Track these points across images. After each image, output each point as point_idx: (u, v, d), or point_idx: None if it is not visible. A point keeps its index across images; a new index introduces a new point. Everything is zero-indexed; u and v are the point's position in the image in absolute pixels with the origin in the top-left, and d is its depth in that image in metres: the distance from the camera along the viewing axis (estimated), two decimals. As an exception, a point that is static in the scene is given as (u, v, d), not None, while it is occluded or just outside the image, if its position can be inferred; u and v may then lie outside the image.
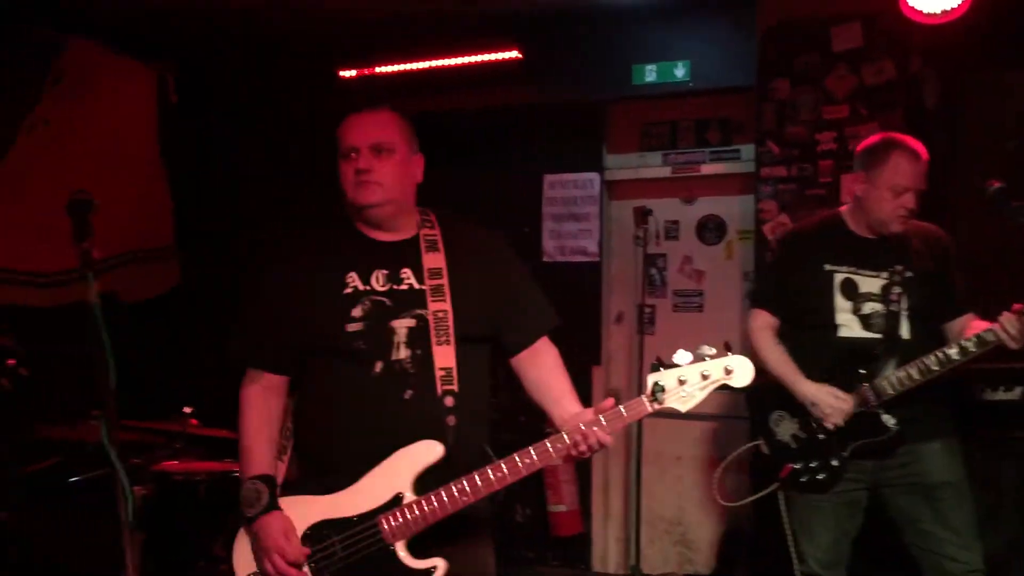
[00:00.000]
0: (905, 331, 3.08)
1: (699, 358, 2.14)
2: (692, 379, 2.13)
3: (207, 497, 3.76)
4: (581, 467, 5.18)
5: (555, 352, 2.44)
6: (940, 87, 4.21)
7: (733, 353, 2.17)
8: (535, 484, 5.11)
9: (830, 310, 3.10)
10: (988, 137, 4.02)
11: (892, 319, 3.06)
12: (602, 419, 2.15)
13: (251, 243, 5.30)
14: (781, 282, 3.25)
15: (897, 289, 3.07)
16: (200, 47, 5.15)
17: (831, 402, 3.01)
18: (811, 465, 3.07)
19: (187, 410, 4.03)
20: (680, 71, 4.92)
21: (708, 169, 5.13)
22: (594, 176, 5.34)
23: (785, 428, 3.14)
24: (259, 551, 2.23)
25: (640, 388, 4.84)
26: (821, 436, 3.07)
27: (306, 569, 2.21)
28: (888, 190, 3.02)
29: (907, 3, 3.88)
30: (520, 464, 2.15)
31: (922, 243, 3.12)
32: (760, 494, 3.18)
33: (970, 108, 2.86)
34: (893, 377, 2.98)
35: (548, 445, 2.16)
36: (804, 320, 3.17)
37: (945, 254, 3.15)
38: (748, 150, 4.88)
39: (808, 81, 4.42)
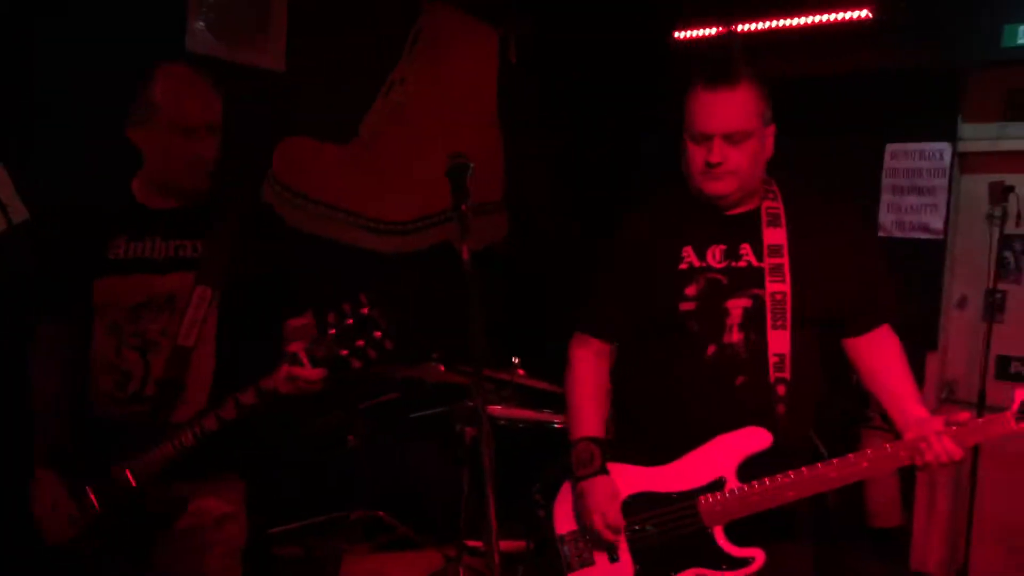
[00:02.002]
0: None
1: None
2: None
3: (528, 444, 3.92)
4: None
5: (898, 343, 2.26)
6: None
7: None
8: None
9: None
10: None
11: None
12: (955, 430, 1.98)
13: (578, 203, 5.44)
14: None
15: None
16: (539, 6, 5.28)
17: None
18: None
19: (515, 360, 4.20)
20: (1061, 31, 4.38)
21: (1085, 142, 4.55)
22: (944, 146, 4.91)
23: None
24: (583, 509, 2.26)
25: (984, 381, 4.54)
26: None
27: (624, 536, 2.23)
28: None
29: None
30: (856, 466, 2.03)
31: None
32: None
33: None
34: None
35: (890, 450, 2.02)
36: None
37: None
38: None
39: None
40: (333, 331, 2.08)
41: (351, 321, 2.07)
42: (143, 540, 2.24)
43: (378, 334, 2.07)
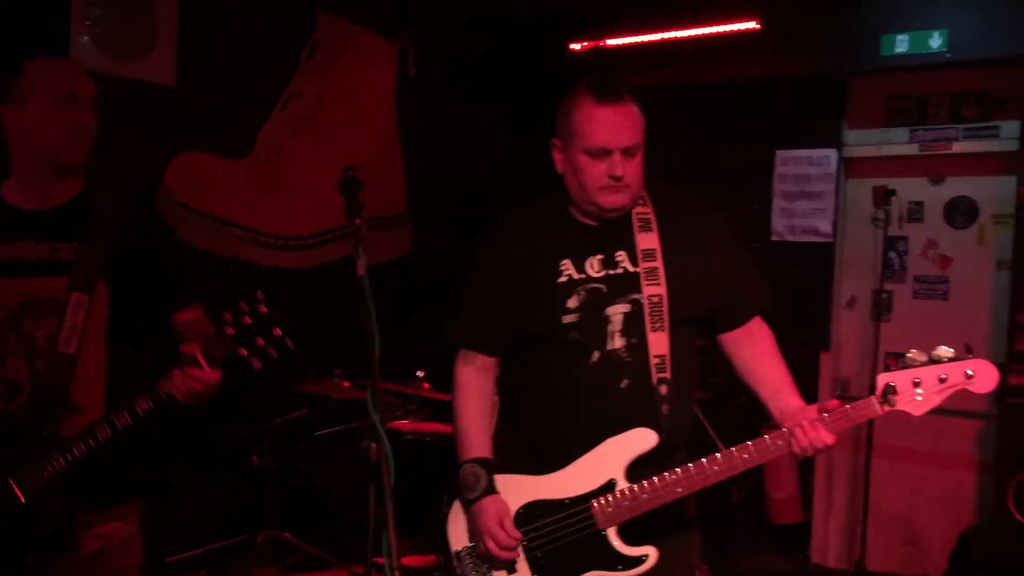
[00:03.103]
0: None
1: (936, 359, 1.99)
2: (928, 382, 1.98)
3: (436, 457, 3.90)
4: (804, 455, 5.00)
5: (770, 334, 2.33)
6: None
7: (975, 355, 2.00)
8: (754, 467, 4.97)
9: None
10: None
11: None
12: (826, 417, 2.05)
13: (476, 216, 5.45)
14: None
15: None
16: (435, 19, 5.28)
17: None
18: None
19: (420, 374, 4.18)
20: (936, 41, 4.59)
21: (961, 147, 4.78)
22: (831, 152, 5.10)
23: None
24: (474, 532, 2.26)
25: (872, 376, 4.70)
26: None
27: (520, 549, 2.22)
28: None
29: None
30: (738, 459, 2.08)
31: None
32: None
33: None
34: None
35: (768, 441, 2.08)
36: None
37: None
38: (1010, 127, 4.52)
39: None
40: (231, 330, 2.02)
41: (249, 319, 2.02)
42: (34, 562, 2.14)
43: (278, 332, 2.02)
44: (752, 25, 4.87)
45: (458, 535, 2.32)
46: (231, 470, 4.05)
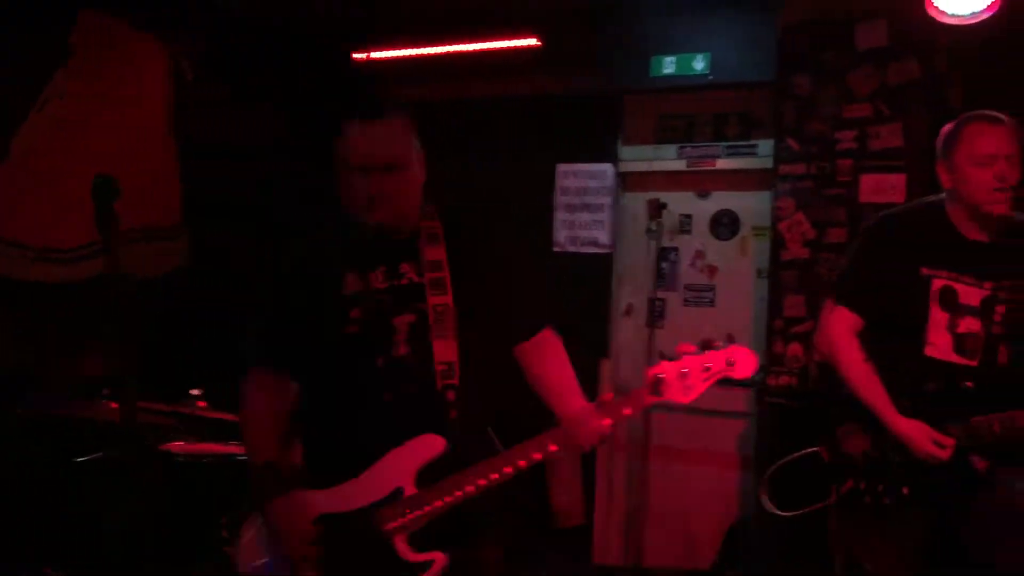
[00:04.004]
0: (1004, 356, 2.73)
1: (701, 350, 2.09)
2: (694, 371, 2.08)
3: (213, 479, 3.75)
4: (586, 459, 5.16)
5: (560, 345, 2.40)
6: (964, 88, 4.17)
7: (738, 344, 2.10)
8: (538, 474, 5.10)
9: (922, 322, 2.75)
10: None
11: (991, 342, 2.72)
12: (600, 410, 2.13)
13: (259, 227, 5.29)
14: (868, 278, 2.85)
15: (1000, 306, 2.72)
16: (216, 24, 5.10)
17: (930, 449, 2.66)
18: (878, 489, 2.79)
19: (195, 392, 4.01)
20: (699, 64, 4.88)
21: (724, 164, 5.09)
22: (608, 167, 5.30)
23: (854, 442, 2.85)
24: (273, 536, 2.24)
25: (648, 382, 4.92)
26: (895, 461, 2.77)
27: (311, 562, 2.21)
28: (969, 165, 2.66)
29: (932, 4, 3.83)
30: (522, 458, 2.14)
31: None
32: (816, 506, 2.92)
33: (999, 110, 2.76)
34: (995, 422, 2.64)
35: (547, 438, 2.14)
36: (888, 326, 2.82)
37: None
38: (766, 146, 4.84)
39: (830, 78, 4.38)
40: None
41: None
42: None
43: None
44: (532, 42, 5.00)
45: (251, 551, 2.29)
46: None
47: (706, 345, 2.09)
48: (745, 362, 2.09)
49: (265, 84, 5.37)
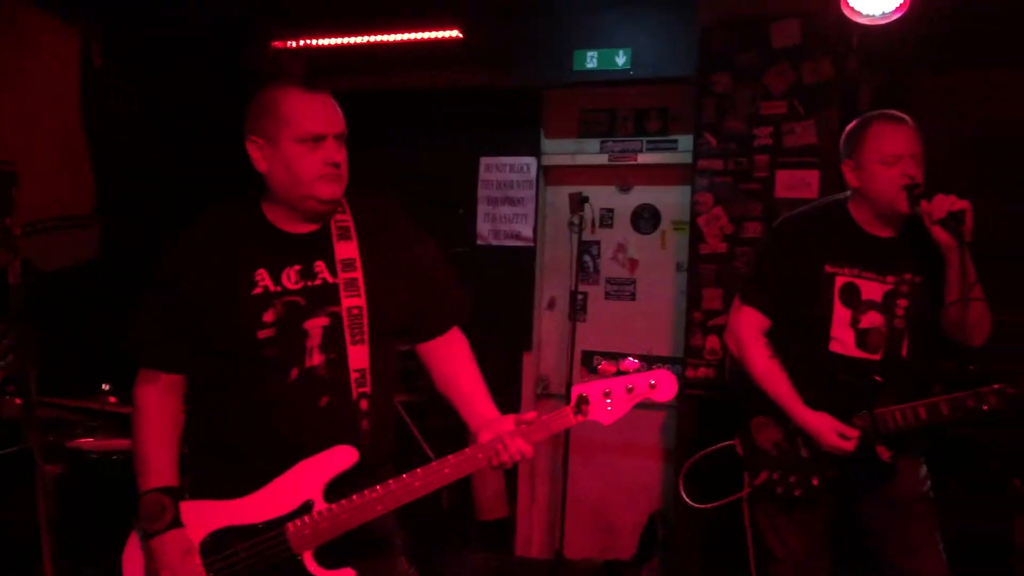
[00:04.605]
0: (906, 349, 2.81)
1: (624, 371, 2.12)
2: (616, 392, 2.10)
3: (124, 476, 3.65)
4: (508, 452, 5.17)
5: (466, 345, 2.37)
6: (875, 88, 4.28)
7: (659, 367, 2.15)
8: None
9: (826, 319, 2.82)
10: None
11: (893, 336, 2.80)
12: (524, 429, 2.11)
13: (172, 219, 5.16)
14: (774, 278, 2.92)
15: (902, 300, 2.80)
16: (124, 8, 4.95)
17: (834, 441, 2.74)
18: (790, 480, 2.86)
19: (105, 387, 3.90)
20: (621, 59, 4.91)
21: (645, 158, 5.14)
22: (531, 160, 5.31)
23: (766, 435, 2.92)
24: (151, 567, 2.12)
25: (570, 374, 4.96)
26: (805, 453, 2.86)
27: None
28: (876, 164, 2.73)
29: (847, 3, 3.91)
30: (439, 473, 2.09)
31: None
32: (731, 498, 2.99)
33: (905, 111, 2.84)
34: (898, 413, 2.74)
35: (468, 453, 2.10)
36: (793, 324, 2.89)
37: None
38: (686, 141, 4.90)
39: (748, 76, 4.45)
40: None
41: None
42: None
43: None
44: (455, 34, 4.97)
45: (134, 568, 2.17)
46: None
47: (629, 367, 2.11)
48: (667, 385, 2.13)
49: (176, 71, 5.25)
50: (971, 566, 3.18)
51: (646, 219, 5.23)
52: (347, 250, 2.20)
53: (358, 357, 2.16)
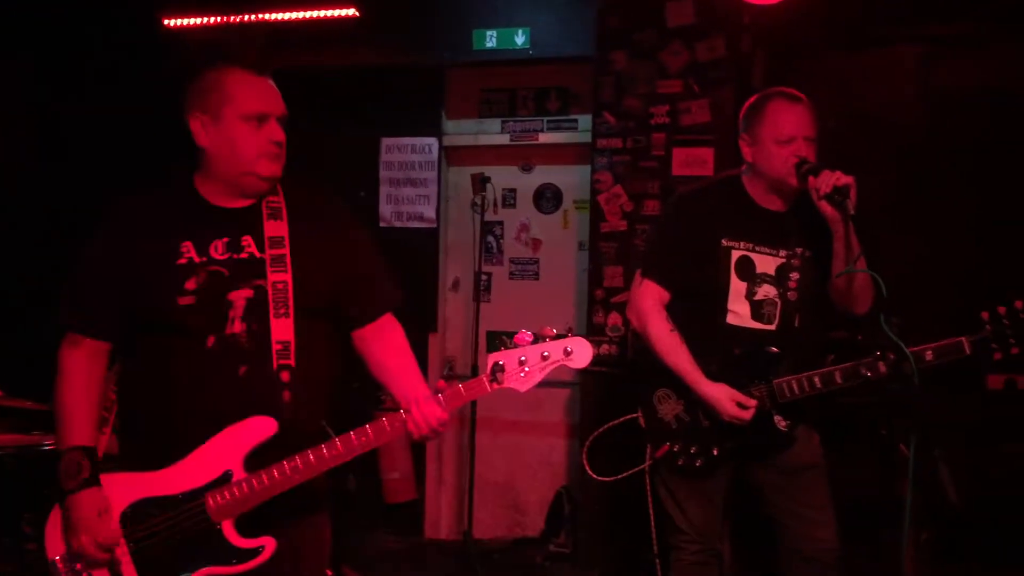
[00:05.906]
0: (798, 320, 2.89)
1: (540, 339, 2.13)
2: (532, 359, 2.11)
3: (14, 471, 3.52)
4: (415, 434, 5.15)
5: (400, 331, 2.38)
6: (767, 67, 4.38)
7: (574, 334, 2.16)
8: (369, 451, 5.05)
9: (723, 292, 2.88)
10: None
11: (786, 307, 2.88)
12: (440, 398, 2.13)
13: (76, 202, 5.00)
14: (672, 252, 2.96)
15: (794, 273, 2.88)
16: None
17: (733, 411, 2.80)
18: (691, 451, 2.90)
19: (-10, 380, 3.74)
20: (520, 38, 4.91)
21: (546, 138, 5.17)
22: (432, 141, 5.29)
23: (668, 408, 2.96)
24: (70, 528, 2.12)
25: (475, 354, 4.96)
26: (705, 424, 2.91)
27: (126, 549, 2.13)
28: (771, 142, 2.79)
29: (737, -17, 4.00)
30: (356, 442, 2.11)
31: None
32: (634, 470, 3.03)
33: (795, 88, 2.92)
34: (794, 383, 2.81)
35: (385, 423, 2.13)
36: (691, 297, 2.93)
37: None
38: (585, 120, 4.94)
39: (644, 55, 4.50)
40: None
41: None
42: None
43: None
44: (351, 12, 4.89)
45: (57, 540, 2.17)
46: None
47: (544, 334, 2.12)
48: (582, 352, 2.13)
49: (67, 46, 5.06)
50: (860, 528, 3.30)
51: (548, 199, 5.26)
52: (277, 228, 2.24)
53: (282, 329, 2.17)
